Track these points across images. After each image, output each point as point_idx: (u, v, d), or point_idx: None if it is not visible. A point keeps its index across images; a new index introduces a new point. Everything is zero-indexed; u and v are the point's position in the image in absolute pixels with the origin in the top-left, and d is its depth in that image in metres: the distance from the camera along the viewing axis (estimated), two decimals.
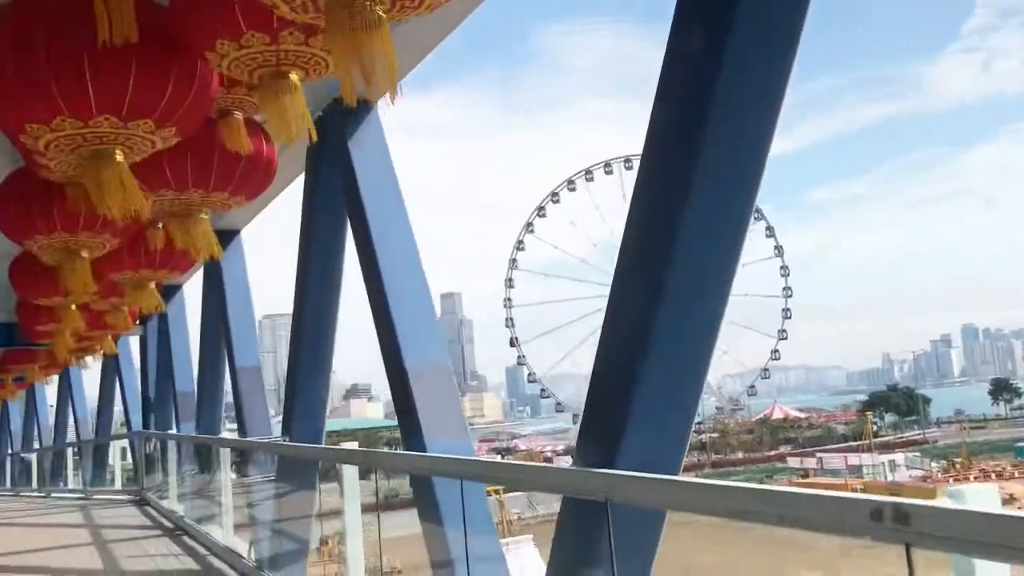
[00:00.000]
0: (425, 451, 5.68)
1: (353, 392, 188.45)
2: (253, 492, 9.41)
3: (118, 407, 19.09)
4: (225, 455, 10.04)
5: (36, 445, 26.09)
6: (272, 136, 3.71)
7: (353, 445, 6.21)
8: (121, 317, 10.30)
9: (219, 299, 10.68)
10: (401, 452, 6.13)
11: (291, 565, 7.77)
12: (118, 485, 18.32)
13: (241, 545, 8.88)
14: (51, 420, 25.07)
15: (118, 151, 4.12)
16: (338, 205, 7.21)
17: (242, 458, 9.56)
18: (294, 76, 3.78)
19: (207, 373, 11.47)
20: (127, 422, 17.82)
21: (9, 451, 29.54)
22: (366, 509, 5.69)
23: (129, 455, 17.74)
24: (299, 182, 7.96)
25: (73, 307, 8.80)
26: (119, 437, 19.19)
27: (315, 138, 4.11)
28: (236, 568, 8.11)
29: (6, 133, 4.52)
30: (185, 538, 10.56)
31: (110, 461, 19.80)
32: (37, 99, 3.77)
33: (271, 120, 3.84)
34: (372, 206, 6.44)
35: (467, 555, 3.88)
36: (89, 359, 16.99)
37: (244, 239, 10.80)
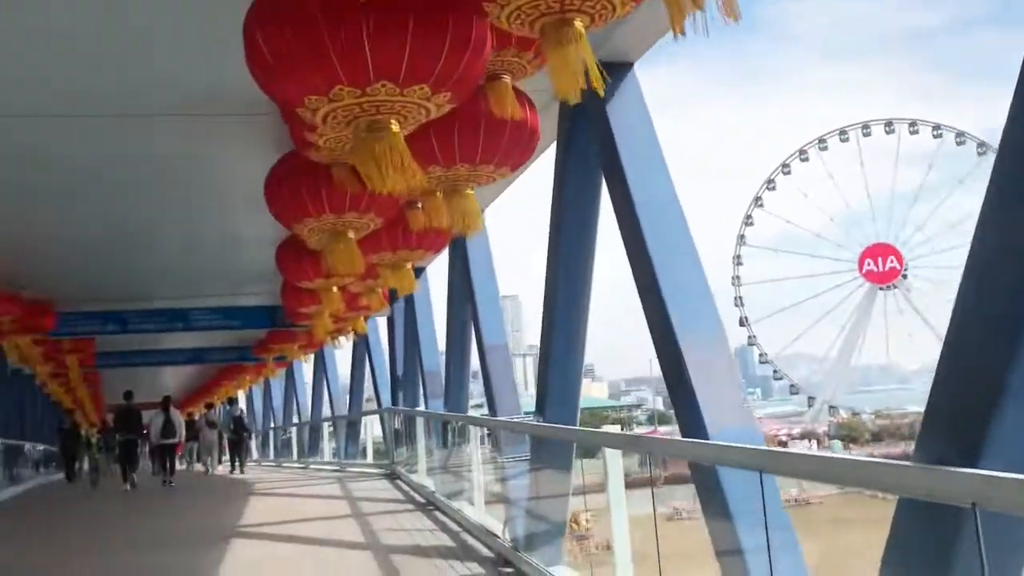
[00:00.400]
0: (704, 433, 5.18)
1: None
2: (505, 470, 9.30)
3: (368, 384, 19.99)
4: (475, 433, 10.04)
5: (295, 420, 28.20)
6: (557, 88, 3.30)
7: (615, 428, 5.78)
8: (376, 298, 10.54)
9: (465, 278, 10.64)
10: (680, 439, 5.65)
11: (546, 546, 7.50)
12: (369, 459, 19.24)
13: (494, 524, 8.81)
14: (308, 397, 26.95)
15: (393, 121, 3.91)
16: (593, 176, 6.82)
17: (492, 435, 9.49)
18: (579, 23, 3.43)
19: (454, 351, 11.59)
20: (376, 399, 18.66)
21: (272, 425, 32.20)
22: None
23: (379, 430, 18.57)
24: (543, 159, 7.61)
25: (335, 289, 8.82)
26: (369, 413, 20.14)
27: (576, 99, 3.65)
28: (490, 547, 7.96)
29: (284, 107, 4.44)
30: (437, 513, 10.67)
31: (362, 436, 20.86)
32: (316, 69, 3.61)
33: (555, 73, 3.47)
34: (634, 173, 6.00)
35: (769, 549, 3.36)
36: (342, 339, 17.92)
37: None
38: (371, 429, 19.92)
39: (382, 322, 18.07)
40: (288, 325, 16.86)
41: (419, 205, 6.31)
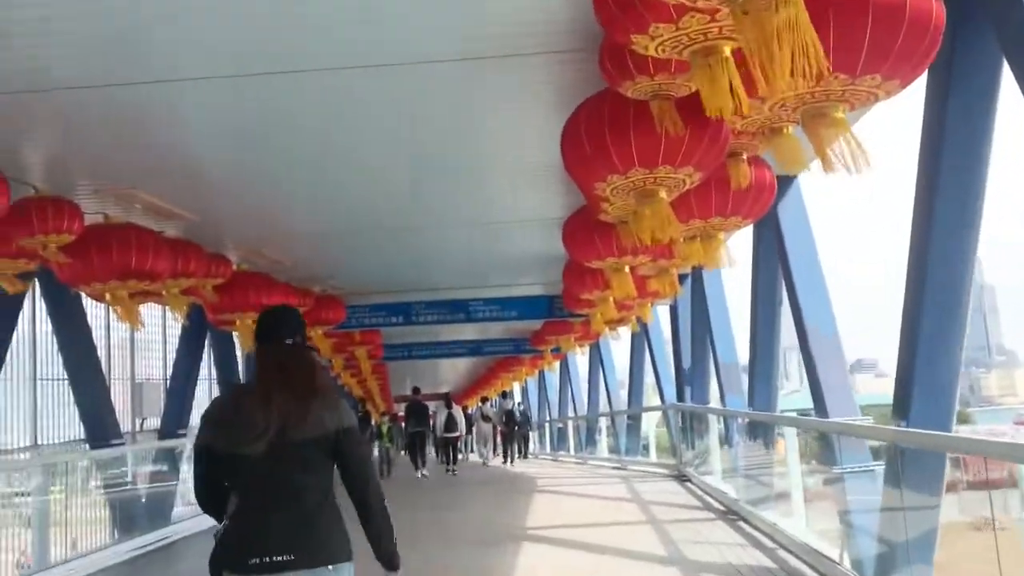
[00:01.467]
0: None
1: (857, 367, 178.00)
2: (837, 480, 7.81)
3: (648, 378, 18.95)
4: (791, 435, 8.62)
5: (571, 413, 27.76)
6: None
7: None
8: (668, 282, 9.39)
9: (777, 253, 9.33)
10: None
11: None
12: (652, 457, 18.12)
13: (822, 543, 7.45)
14: (583, 389, 26.37)
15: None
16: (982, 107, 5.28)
17: (823, 441, 8.01)
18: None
19: (760, 340, 10.18)
20: (659, 393, 17.51)
21: (548, 418, 32.12)
22: None
23: (664, 427, 17.39)
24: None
25: (626, 269, 8.05)
26: (652, 409, 19.05)
27: None
28: (820, 572, 6.76)
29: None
30: (742, 524, 9.49)
31: (643, 432, 19.83)
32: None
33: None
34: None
35: None
36: (620, 331, 16.97)
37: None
38: (652, 425, 18.78)
39: (662, 311, 16.90)
40: (565, 315, 16.20)
41: (743, 156, 5.76)
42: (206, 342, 15.05)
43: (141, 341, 14.10)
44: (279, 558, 2.83)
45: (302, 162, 7.75)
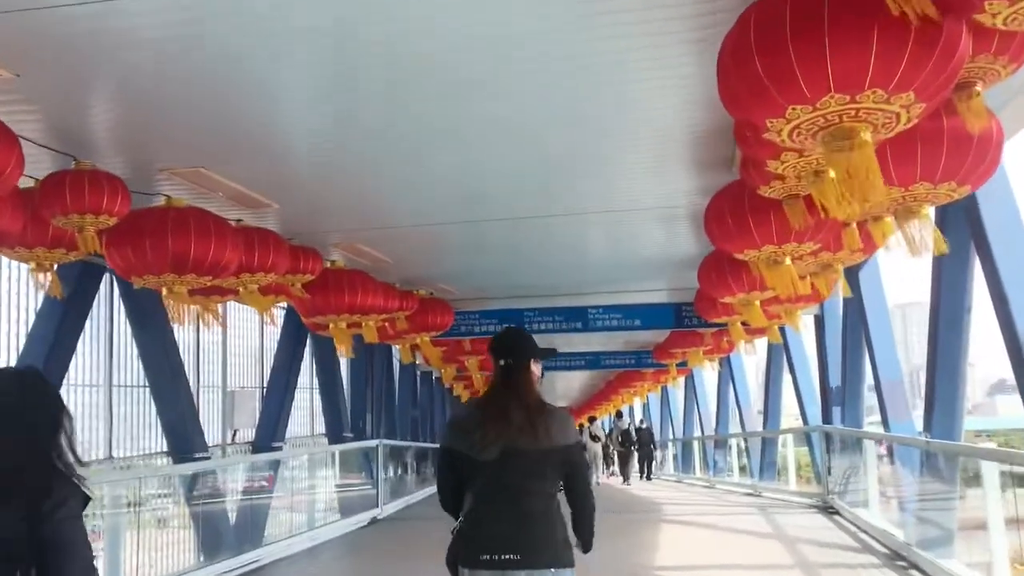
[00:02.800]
0: None
1: (999, 387, 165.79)
2: None
3: (786, 396, 17.10)
4: (990, 471, 6.89)
5: (696, 432, 25.88)
6: None
7: None
8: (830, 280, 7.87)
9: (971, 238, 7.78)
10: None
11: None
12: (792, 485, 16.20)
13: None
14: (711, 407, 24.49)
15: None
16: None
17: None
18: None
19: (942, 352, 8.46)
20: (801, 414, 15.63)
21: (671, 437, 30.27)
22: None
23: (805, 450, 15.50)
24: None
25: (787, 262, 6.88)
26: (794, 431, 17.12)
27: None
28: None
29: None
30: (915, 573, 7.73)
31: (778, 456, 17.95)
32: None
33: None
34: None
35: None
36: (756, 344, 15.23)
37: None
38: (791, 449, 16.82)
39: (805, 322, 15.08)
40: (695, 324, 14.60)
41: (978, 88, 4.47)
42: (306, 348, 14.25)
43: (234, 346, 13.37)
44: (505, 556, 3.11)
45: (405, 143, 6.65)
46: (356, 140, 6.61)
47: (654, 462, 23.18)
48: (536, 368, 3.44)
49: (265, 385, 13.75)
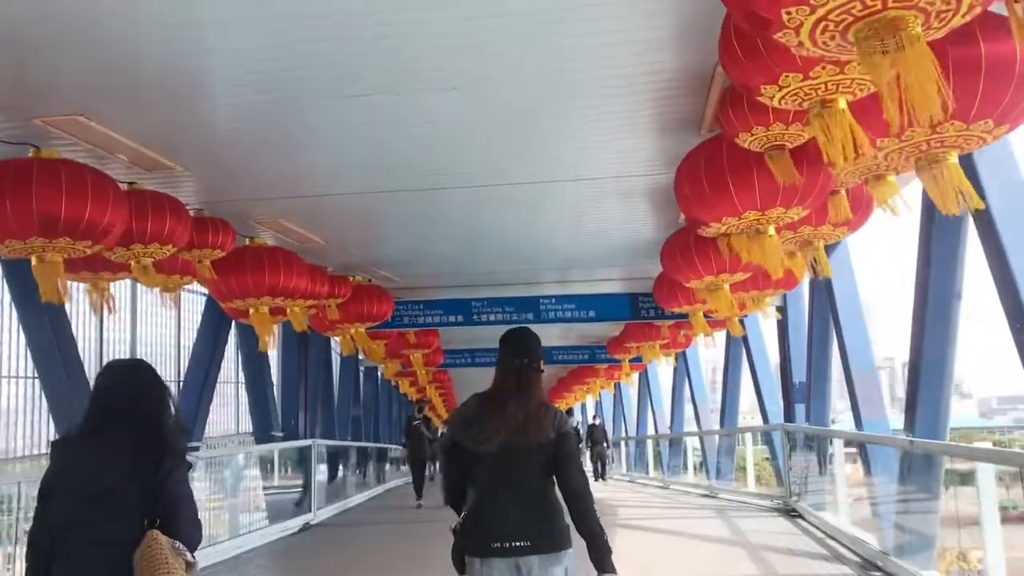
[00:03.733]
0: None
1: None
2: None
3: (745, 392, 16.40)
4: (986, 472, 6.14)
5: (651, 431, 25.10)
6: None
7: None
8: (803, 261, 7.08)
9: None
10: None
11: None
12: (751, 486, 15.48)
13: None
14: (666, 404, 23.74)
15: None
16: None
17: None
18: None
19: (928, 342, 7.71)
20: (762, 412, 14.89)
21: (624, 435, 29.49)
22: None
23: (769, 452, 14.76)
24: None
25: (771, 232, 6.08)
26: (754, 429, 16.42)
27: None
28: None
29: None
30: None
31: (735, 456, 17.26)
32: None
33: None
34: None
35: None
36: (715, 337, 14.50)
37: None
38: (749, 448, 16.10)
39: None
40: (652, 316, 13.78)
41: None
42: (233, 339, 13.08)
43: (146, 336, 12.14)
44: (517, 544, 3.27)
45: (326, 96, 5.64)
46: (285, 93, 5.59)
47: (607, 461, 22.34)
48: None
49: (182, 379, 12.55)
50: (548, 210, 9.19)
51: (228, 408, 13.68)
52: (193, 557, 2.83)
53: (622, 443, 28.72)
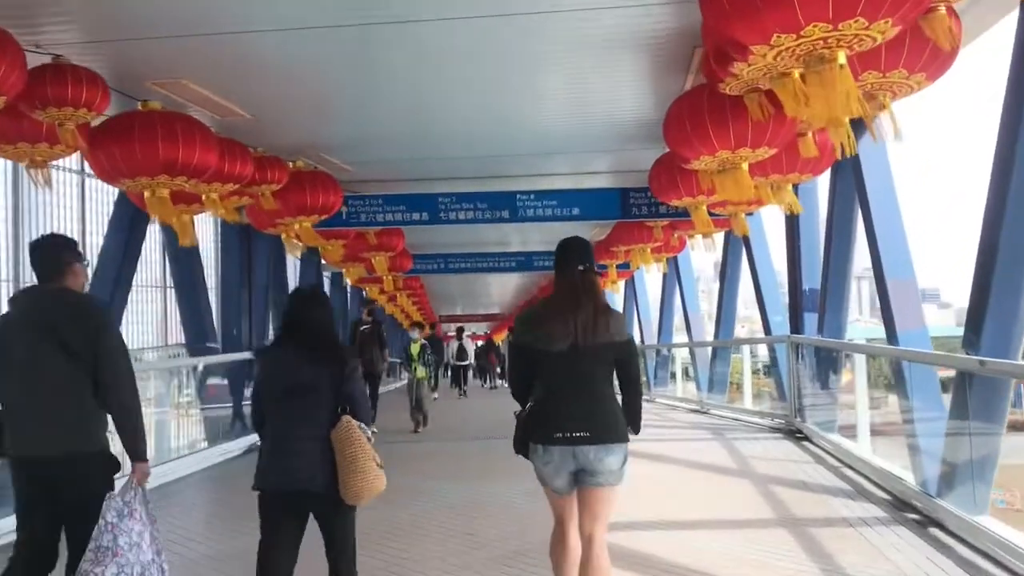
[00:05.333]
0: None
1: (925, 297, 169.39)
2: None
3: (743, 300, 14.88)
4: None
5: (637, 342, 23.68)
6: None
7: None
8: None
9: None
10: None
11: None
12: (747, 403, 14.11)
13: None
14: (654, 313, 22.25)
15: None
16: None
17: None
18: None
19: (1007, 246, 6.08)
20: (764, 322, 13.37)
21: None
22: None
23: (772, 366, 13.29)
24: None
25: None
26: (758, 341, 14.94)
27: None
28: None
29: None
30: (938, 532, 5.84)
31: (730, 368, 15.87)
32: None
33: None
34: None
35: None
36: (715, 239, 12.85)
37: None
38: (746, 361, 14.65)
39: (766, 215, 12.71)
40: (645, 213, 12.10)
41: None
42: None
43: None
44: (577, 434, 3.67)
45: None
46: None
47: None
48: None
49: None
50: (500, 67, 7.37)
51: (152, 316, 11.96)
52: (370, 434, 3.74)
53: None
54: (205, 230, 12.90)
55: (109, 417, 3.65)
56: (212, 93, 7.37)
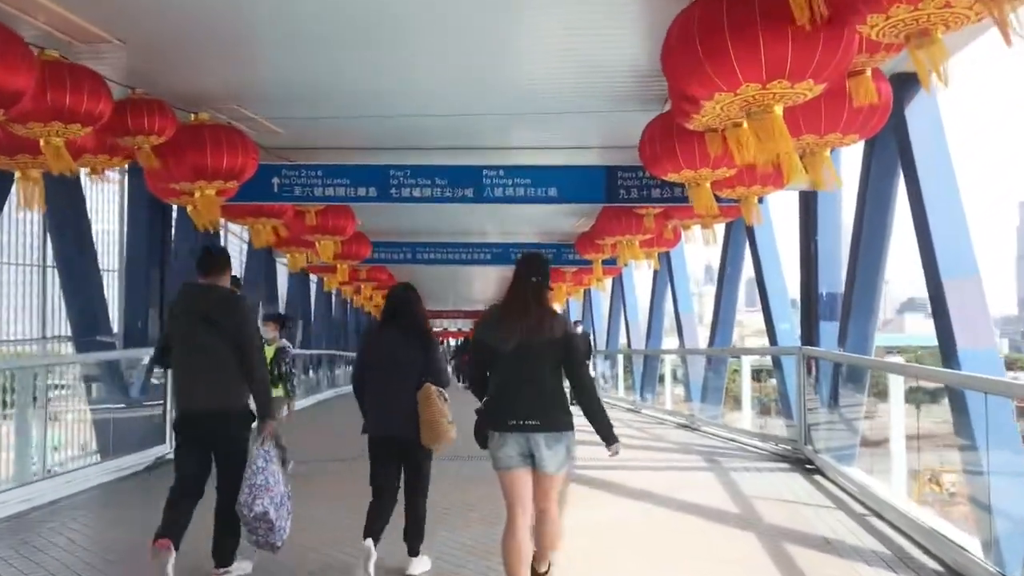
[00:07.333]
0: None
1: (909, 306, 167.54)
2: None
3: (741, 303, 13.00)
4: None
5: (625, 346, 21.82)
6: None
7: None
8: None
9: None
10: None
11: None
12: (746, 423, 12.22)
13: None
14: (641, 315, 20.37)
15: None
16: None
17: None
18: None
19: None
20: (768, 330, 11.45)
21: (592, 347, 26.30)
22: None
23: (778, 382, 11.38)
24: None
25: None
26: (757, 352, 13.07)
27: None
28: None
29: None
30: None
31: (725, 379, 14.04)
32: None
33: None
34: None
35: None
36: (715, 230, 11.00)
37: None
38: (746, 374, 12.73)
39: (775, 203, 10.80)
40: (635, 197, 10.19)
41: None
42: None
43: None
44: (529, 422, 4.19)
45: None
46: None
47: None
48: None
49: None
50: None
51: (27, 301, 9.92)
52: (446, 398, 4.96)
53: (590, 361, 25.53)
54: (108, 199, 10.84)
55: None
56: (53, 2, 5.42)
